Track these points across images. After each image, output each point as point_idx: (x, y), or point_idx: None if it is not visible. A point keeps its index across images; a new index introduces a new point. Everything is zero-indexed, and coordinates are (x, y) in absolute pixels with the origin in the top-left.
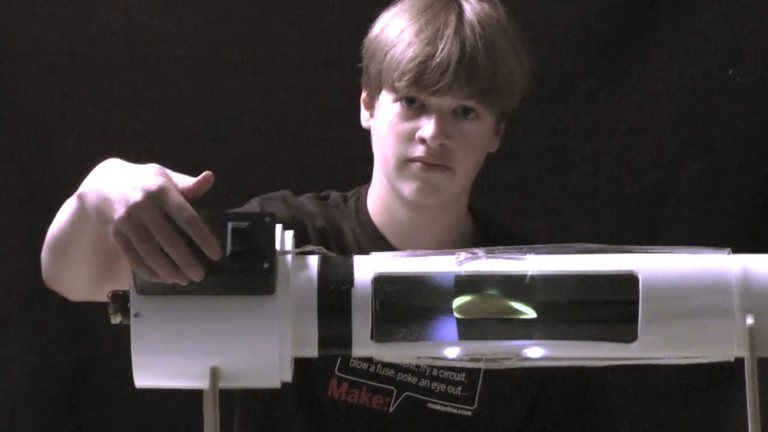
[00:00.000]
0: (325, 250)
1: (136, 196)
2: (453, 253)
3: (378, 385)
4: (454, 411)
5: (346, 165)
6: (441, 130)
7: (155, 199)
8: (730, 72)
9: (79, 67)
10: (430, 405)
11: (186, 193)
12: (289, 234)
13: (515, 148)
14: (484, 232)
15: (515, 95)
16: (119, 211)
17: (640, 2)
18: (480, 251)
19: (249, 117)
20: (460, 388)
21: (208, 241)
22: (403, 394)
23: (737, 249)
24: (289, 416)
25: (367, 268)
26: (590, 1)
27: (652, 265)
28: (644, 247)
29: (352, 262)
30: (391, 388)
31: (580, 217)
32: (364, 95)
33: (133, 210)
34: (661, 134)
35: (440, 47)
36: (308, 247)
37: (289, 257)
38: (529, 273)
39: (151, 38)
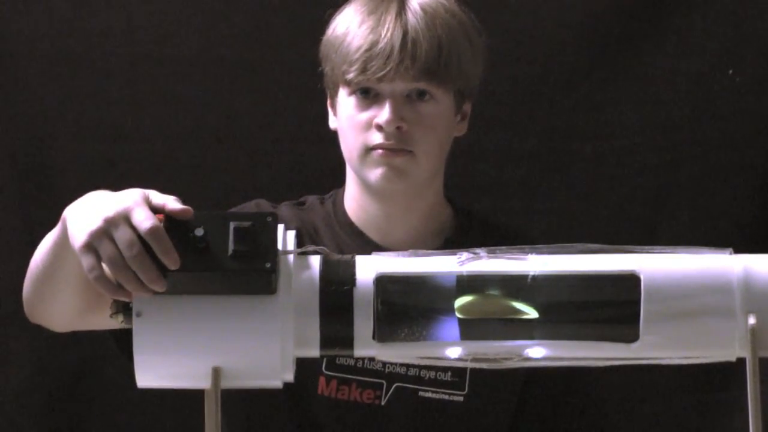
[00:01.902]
0: (327, 251)
1: (110, 211)
2: (455, 253)
3: (367, 379)
4: (446, 397)
5: (345, 165)
6: (395, 115)
7: (126, 213)
8: (730, 72)
9: (79, 67)
10: (421, 393)
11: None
12: (291, 234)
13: (515, 148)
14: (465, 223)
15: (468, 75)
16: (93, 225)
17: (640, 2)
18: (482, 251)
19: (248, 117)
20: (449, 373)
21: (168, 253)
22: (394, 386)
23: (738, 249)
24: (279, 418)
25: (368, 268)
26: (590, 1)
27: (654, 266)
28: (646, 247)
29: (353, 262)
30: (381, 381)
31: (580, 217)
32: (329, 100)
33: (106, 223)
34: (661, 134)
35: (383, 33)
36: (310, 247)
37: (290, 257)
38: (531, 273)
39: (150, 38)
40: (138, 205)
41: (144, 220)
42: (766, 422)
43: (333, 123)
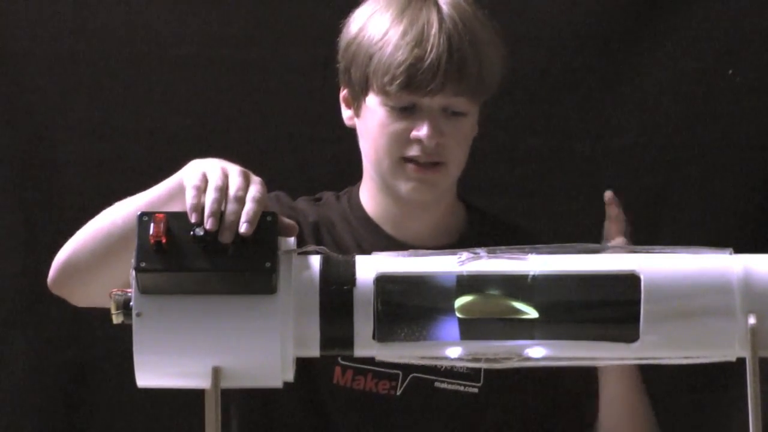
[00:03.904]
0: (327, 250)
1: (235, 168)
2: (455, 253)
3: (383, 369)
4: (461, 389)
5: (345, 165)
6: (437, 130)
7: (246, 174)
8: (730, 72)
9: (79, 67)
10: (437, 384)
11: None
12: None
13: (515, 148)
14: (477, 221)
15: (496, 85)
16: (216, 163)
17: (639, 2)
18: (482, 251)
19: (249, 117)
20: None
21: (252, 223)
22: (410, 376)
23: (738, 249)
24: (294, 407)
25: (369, 267)
26: (590, 1)
27: (654, 265)
28: (646, 247)
29: (353, 261)
30: (397, 371)
31: (580, 217)
32: (344, 93)
33: (226, 168)
34: (661, 134)
35: (429, 48)
36: (310, 247)
37: (291, 257)
38: (531, 273)
39: (150, 38)
40: (260, 181)
41: (260, 191)
42: (766, 422)
43: (350, 120)
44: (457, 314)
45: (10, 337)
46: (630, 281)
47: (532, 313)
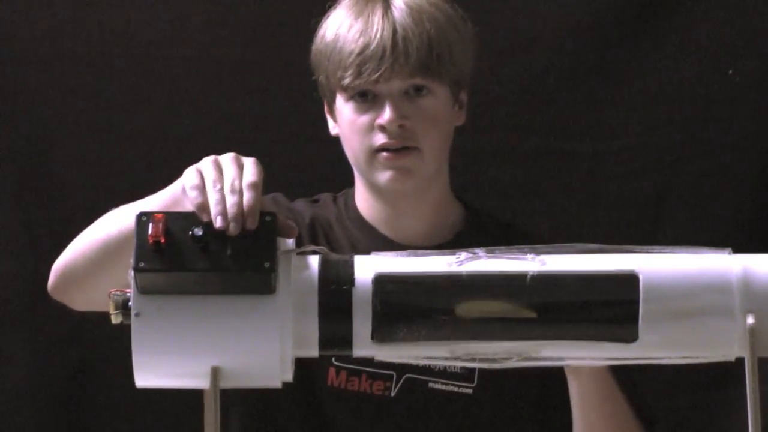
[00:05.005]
0: (326, 250)
1: (226, 157)
2: (453, 253)
3: (377, 370)
4: (456, 389)
5: (345, 165)
6: (397, 113)
7: (237, 159)
8: (730, 72)
9: (79, 67)
10: (431, 385)
11: None
12: None
13: (515, 148)
14: (473, 219)
15: (461, 65)
16: (208, 160)
17: (639, 2)
18: (481, 251)
19: (248, 117)
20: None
21: (252, 213)
22: (404, 377)
23: (738, 249)
24: (289, 409)
25: (367, 267)
26: (591, 1)
27: (653, 265)
28: (645, 247)
29: (352, 261)
30: (391, 372)
31: (580, 217)
32: (326, 107)
33: (219, 158)
34: (661, 134)
35: (373, 35)
36: (309, 247)
37: (290, 257)
38: (530, 273)
39: (150, 38)
40: (254, 161)
41: (254, 173)
42: (766, 422)
43: (333, 129)
44: (456, 314)
45: (10, 337)
46: (629, 281)
47: (531, 313)
